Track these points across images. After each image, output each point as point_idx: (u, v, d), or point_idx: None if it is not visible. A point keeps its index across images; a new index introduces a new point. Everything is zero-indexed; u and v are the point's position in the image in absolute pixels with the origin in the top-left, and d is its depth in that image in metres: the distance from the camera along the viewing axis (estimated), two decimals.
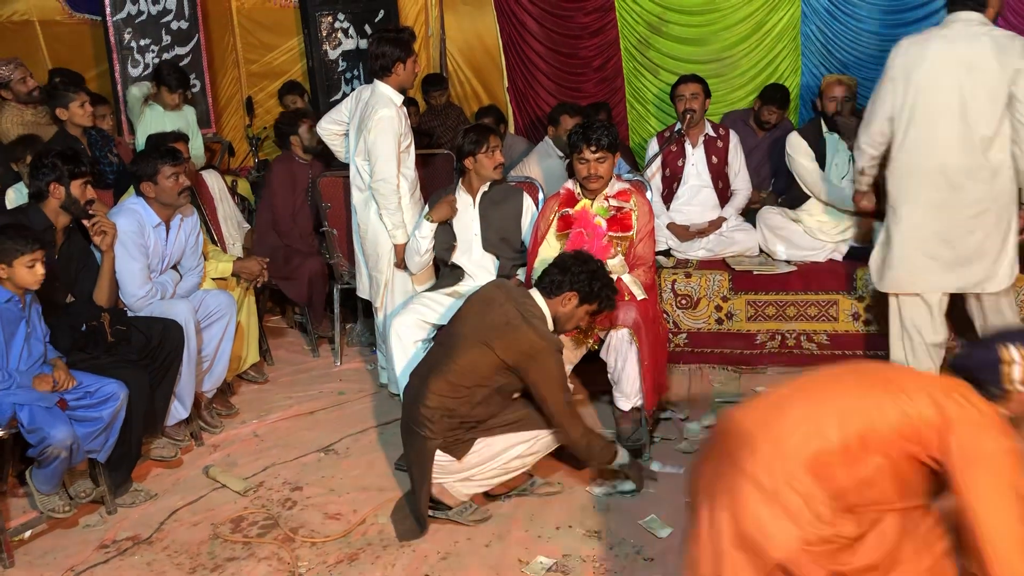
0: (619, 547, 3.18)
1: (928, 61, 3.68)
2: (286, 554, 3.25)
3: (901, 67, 3.73)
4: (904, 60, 3.74)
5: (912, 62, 3.71)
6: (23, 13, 5.83)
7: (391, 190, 4.17)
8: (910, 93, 3.71)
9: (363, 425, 4.30)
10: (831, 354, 4.61)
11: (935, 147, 3.69)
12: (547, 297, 3.31)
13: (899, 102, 3.74)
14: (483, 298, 3.34)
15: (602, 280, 3.35)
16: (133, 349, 3.74)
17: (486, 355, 3.17)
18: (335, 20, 6.59)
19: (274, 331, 5.59)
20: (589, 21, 6.59)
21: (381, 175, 4.15)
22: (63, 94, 4.74)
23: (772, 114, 5.55)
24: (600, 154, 3.83)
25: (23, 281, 3.31)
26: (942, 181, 3.69)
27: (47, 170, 3.65)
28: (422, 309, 4.00)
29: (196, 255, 4.26)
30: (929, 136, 3.69)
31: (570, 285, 3.29)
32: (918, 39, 3.77)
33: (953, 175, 3.67)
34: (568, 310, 3.32)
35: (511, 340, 3.16)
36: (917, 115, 3.71)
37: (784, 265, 4.71)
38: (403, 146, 4.25)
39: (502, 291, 3.34)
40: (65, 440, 3.23)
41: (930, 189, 3.72)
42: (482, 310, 3.28)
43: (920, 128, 3.71)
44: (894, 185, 3.83)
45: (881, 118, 3.80)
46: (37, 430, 3.20)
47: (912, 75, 3.70)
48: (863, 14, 5.91)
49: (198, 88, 6.33)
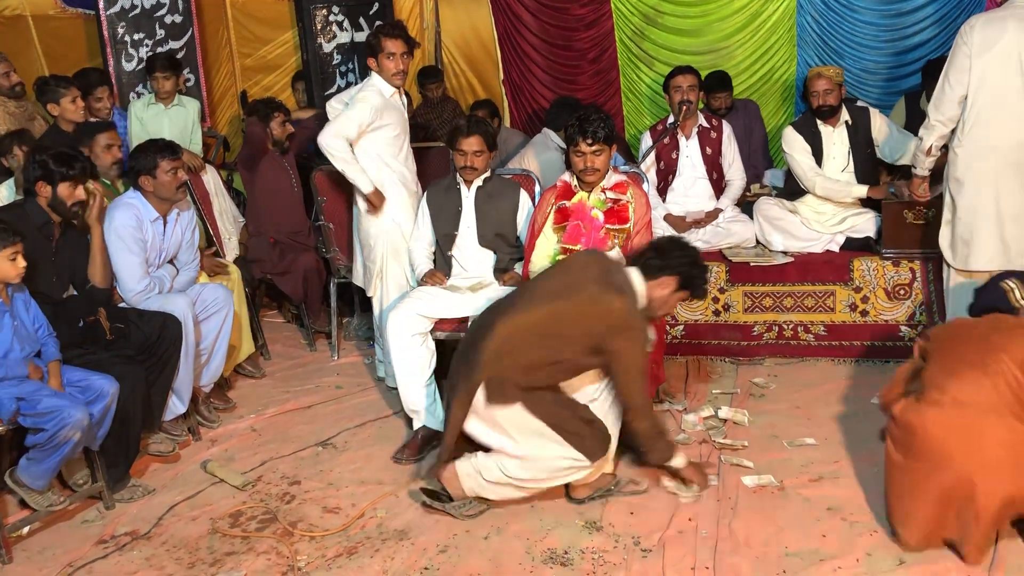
0: (619, 539, 3.18)
1: (1006, 40, 3.71)
2: (285, 548, 3.24)
3: (977, 44, 3.76)
4: (974, 39, 3.77)
5: (989, 40, 3.74)
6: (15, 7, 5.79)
7: (336, 145, 4.17)
8: (985, 70, 3.75)
9: (361, 419, 4.29)
10: (828, 345, 4.62)
11: (1007, 124, 3.75)
12: (645, 278, 3.21)
13: (975, 79, 3.78)
14: (581, 261, 3.27)
15: (701, 267, 3.26)
16: (131, 345, 3.73)
17: (569, 313, 3.06)
18: (330, 13, 6.57)
19: (271, 326, 5.58)
20: (584, 13, 6.59)
21: (324, 133, 4.18)
22: (54, 89, 4.72)
23: (718, 99, 5.65)
24: (597, 147, 3.82)
25: (5, 274, 3.29)
26: (1011, 158, 3.75)
27: (36, 167, 3.64)
28: (419, 303, 4.00)
29: (192, 249, 4.26)
30: (1002, 113, 3.75)
31: (671, 270, 3.19)
32: (995, 16, 3.82)
33: (1021, 152, 3.74)
34: (664, 295, 3.21)
35: (604, 308, 3.06)
36: (990, 92, 3.76)
37: (781, 256, 4.72)
38: (393, 135, 4.27)
39: (602, 260, 3.26)
40: (81, 421, 3.24)
41: (1002, 166, 3.78)
42: (580, 271, 3.17)
43: (992, 105, 3.76)
44: (963, 163, 3.87)
45: (956, 94, 3.84)
46: (52, 412, 3.20)
47: (988, 52, 3.74)
48: (858, 4, 5.92)
49: (192, 82, 6.30)
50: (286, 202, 5.24)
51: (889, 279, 4.53)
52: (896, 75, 5.97)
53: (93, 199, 3.75)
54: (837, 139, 4.76)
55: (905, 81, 5.88)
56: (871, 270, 4.55)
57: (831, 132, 4.76)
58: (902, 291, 4.53)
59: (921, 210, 4.41)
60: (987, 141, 3.80)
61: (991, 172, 3.81)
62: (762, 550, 3.05)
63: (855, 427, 3.88)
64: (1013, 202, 3.81)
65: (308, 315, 5.28)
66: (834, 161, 4.76)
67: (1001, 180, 3.80)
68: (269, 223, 5.19)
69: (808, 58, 6.12)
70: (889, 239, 4.53)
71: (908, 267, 4.51)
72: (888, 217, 4.50)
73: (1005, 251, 3.86)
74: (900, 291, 4.53)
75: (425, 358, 3.95)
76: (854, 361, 4.60)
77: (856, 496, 3.34)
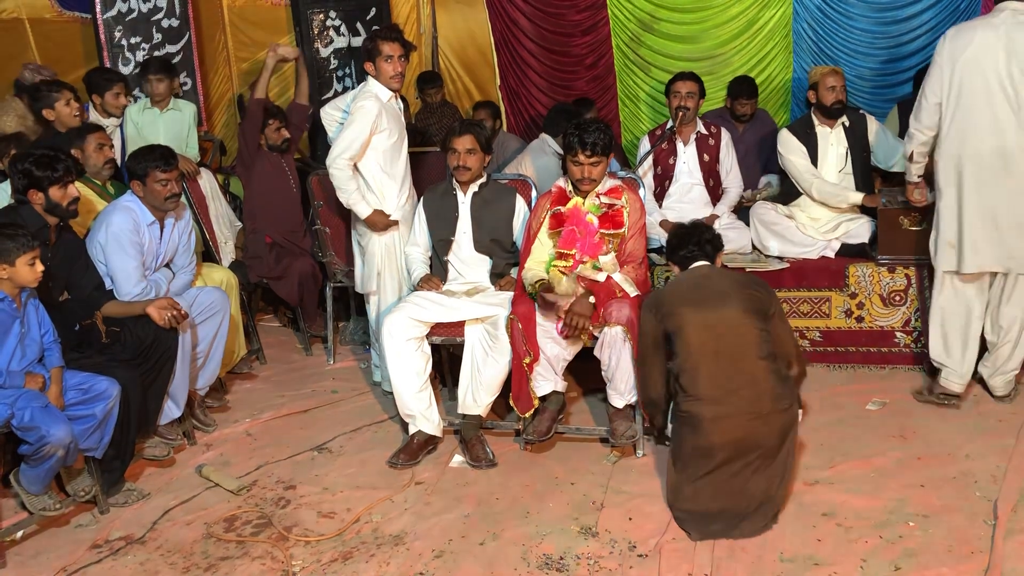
0: (615, 544, 3.18)
1: (973, 47, 3.77)
2: (280, 553, 3.24)
3: (948, 53, 3.84)
4: (951, 46, 3.84)
5: (958, 48, 3.81)
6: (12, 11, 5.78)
7: (341, 177, 4.19)
8: (955, 79, 3.81)
9: (356, 423, 4.29)
10: (824, 351, 4.63)
11: (979, 131, 3.78)
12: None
13: (946, 87, 3.84)
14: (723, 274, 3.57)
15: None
16: (127, 348, 3.73)
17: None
18: (327, 18, 6.58)
19: (266, 330, 5.58)
20: (581, 19, 6.60)
21: (331, 157, 4.19)
22: (47, 94, 4.67)
23: (744, 106, 5.64)
24: (595, 158, 3.84)
25: (24, 279, 3.30)
26: (985, 163, 3.78)
27: (21, 176, 3.62)
28: (415, 308, 4.00)
29: (189, 253, 4.26)
30: (974, 119, 3.79)
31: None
32: (966, 26, 3.88)
33: (996, 158, 3.76)
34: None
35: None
36: (963, 100, 3.81)
37: (776, 262, 4.73)
38: (391, 141, 4.26)
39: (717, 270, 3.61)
40: (63, 439, 3.23)
41: (976, 170, 3.80)
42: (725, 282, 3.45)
43: (965, 112, 3.80)
44: (941, 168, 3.92)
45: (931, 103, 3.90)
46: (34, 428, 3.19)
47: (957, 61, 3.80)
48: (854, 11, 5.94)
49: (189, 86, 6.30)
50: (284, 202, 5.23)
51: (884, 285, 4.54)
52: (890, 82, 6.00)
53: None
54: (835, 140, 4.78)
55: (899, 89, 5.90)
56: (867, 276, 4.55)
57: (829, 133, 4.78)
58: (897, 297, 4.54)
59: (916, 216, 4.42)
60: (963, 147, 3.83)
61: (969, 177, 3.83)
62: (758, 555, 3.05)
63: (850, 432, 3.89)
64: (992, 206, 3.82)
65: (304, 319, 5.28)
66: (831, 163, 4.78)
67: (978, 185, 3.82)
68: (266, 222, 5.18)
69: (804, 64, 6.14)
70: (884, 245, 4.53)
71: (903, 273, 4.51)
72: (883, 223, 4.51)
73: (985, 254, 3.87)
74: (896, 297, 4.54)
75: (421, 363, 3.95)
76: (850, 367, 4.61)
77: (851, 501, 3.34)
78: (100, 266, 3.89)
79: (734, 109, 5.66)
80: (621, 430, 3.80)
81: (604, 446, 3.84)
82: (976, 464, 3.57)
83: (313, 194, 4.92)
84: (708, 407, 3.18)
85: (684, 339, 3.27)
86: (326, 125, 4.54)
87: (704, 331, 3.25)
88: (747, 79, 5.75)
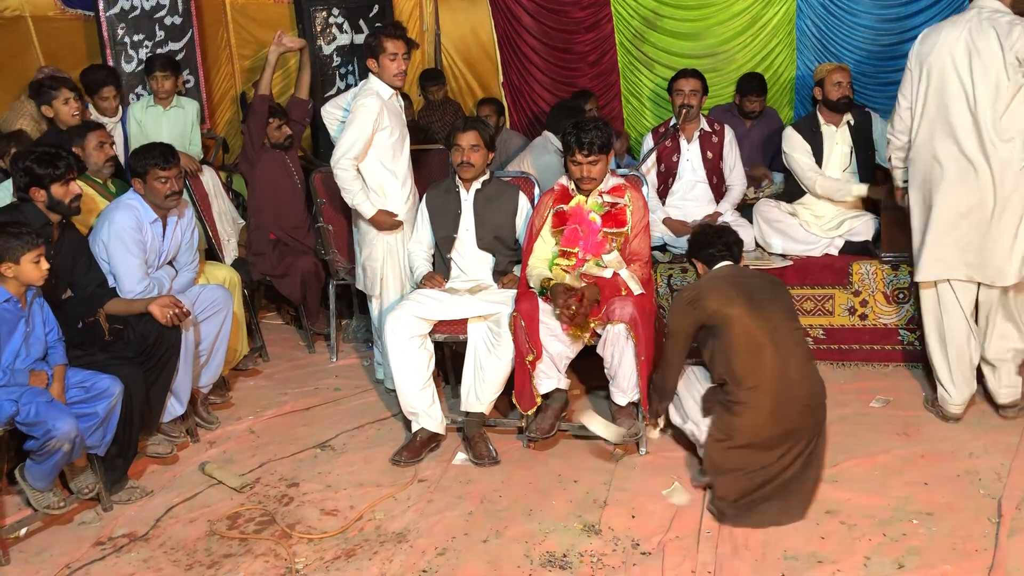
0: (618, 542, 3.18)
1: (937, 47, 3.71)
2: (283, 550, 3.24)
3: (916, 56, 3.80)
4: (919, 49, 3.79)
5: (925, 50, 3.76)
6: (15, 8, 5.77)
7: (345, 177, 4.18)
8: (923, 81, 3.76)
9: (359, 421, 4.29)
10: (827, 349, 4.62)
11: (941, 135, 3.72)
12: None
13: (915, 91, 3.80)
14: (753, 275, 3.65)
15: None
16: (130, 346, 3.73)
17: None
18: (329, 15, 6.57)
19: (269, 328, 5.58)
20: (584, 16, 6.59)
21: (334, 158, 4.19)
22: (46, 92, 4.69)
23: (753, 103, 5.64)
24: (593, 157, 3.83)
25: (30, 277, 3.30)
26: (947, 168, 3.71)
27: (22, 175, 3.62)
28: (417, 305, 3.99)
29: (192, 251, 4.26)
30: (938, 123, 3.72)
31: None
32: (934, 27, 3.82)
33: (954, 162, 3.69)
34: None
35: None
36: (929, 103, 3.75)
37: (780, 259, 4.72)
38: (392, 139, 4.25)
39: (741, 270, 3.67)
40: (69, 433, 3.23)
41: (939, 176, 3.73)
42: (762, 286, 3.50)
43: (930, 116, 3.75)
44: (910, 173, 3.88)
45: (903, 107, 3.87)
46: (40, 423, 3.19)
47: (924, 63, 3.75)
48: (858, 8, 5.91)
49: (192, 84, 6.30)
50: (287, 199, 5.22)
51: (888, 283, 4.53)
52: (894, 80, 5.89)
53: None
54: (840, 138, 4.77)
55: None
56: (870, 274, 4.55)
57: (834, 131, 4.77)
58: (901, 295, 4.53)
59: None
60: (927, 152, 3.77)
61: (933, 183, 3.75)
62: (761, 553, 3.05)
63: (854, 430, 3.88)
64: (953, 213, 3.73)
65: (307, 317, 5.28)
66: (835, 160, 4.77)
67: (942, 192, 3.73)
68: (269, 219, 5.18)
69: (808, 61, 6.12)
70: (888, 243, 4.52)
71: (907, 271, 4.50)
72: (887, 221, 4.50)
73: (948, 261, 3.79)
74: (899, 295, 4.53)
75: (424, 360, 3.94)
76: (853, 365, 4.60)
77: (855, 499, 3.34)
78: (103, 264, 3.89)
79: (743, 106, 5.65)
80: (624, 427, 3.80)
81: (607, 444, 3.84)
82: (980, 462, 3.56)
83: (316, 191, 4.91)
84: (766, 397, 3.24)
85: (736, 332, 3.31)
86: (327, 124, 4.54)
87: (762, 322, 3.31)
88: (756, 76, 5.74)
